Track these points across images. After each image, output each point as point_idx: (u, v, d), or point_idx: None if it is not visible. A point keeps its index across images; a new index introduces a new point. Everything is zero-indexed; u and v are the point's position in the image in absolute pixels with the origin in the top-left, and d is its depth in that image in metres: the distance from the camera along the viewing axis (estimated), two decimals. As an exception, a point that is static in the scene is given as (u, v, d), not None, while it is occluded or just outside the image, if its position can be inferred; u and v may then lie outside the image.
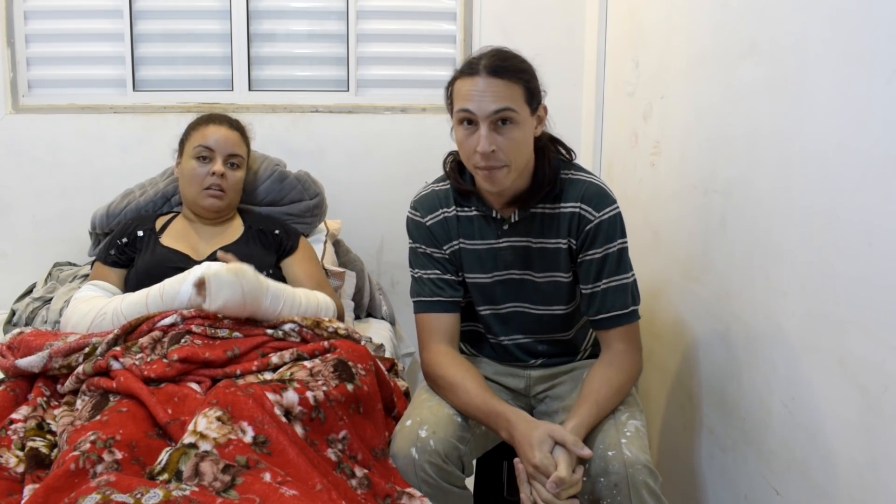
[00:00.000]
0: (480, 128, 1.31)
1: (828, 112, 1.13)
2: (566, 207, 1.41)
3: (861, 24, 1.06)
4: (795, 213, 1.22)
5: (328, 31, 2.36)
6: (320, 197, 2.08)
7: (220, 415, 1.15)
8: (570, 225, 1.41)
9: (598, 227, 1.39)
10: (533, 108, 1.36)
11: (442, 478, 1.30)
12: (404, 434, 1.33)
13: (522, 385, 1.55)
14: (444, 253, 1.48)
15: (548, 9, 2.32)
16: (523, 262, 1.46)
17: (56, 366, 1.39)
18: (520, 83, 1.32)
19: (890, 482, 1.02)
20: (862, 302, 1.06)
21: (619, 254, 1.41)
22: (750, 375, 1.39)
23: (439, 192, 1.49)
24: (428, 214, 1.48)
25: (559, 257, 1.44)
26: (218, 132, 1.78)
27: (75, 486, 1.03)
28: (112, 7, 2.28)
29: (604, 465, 1.27)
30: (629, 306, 1.41)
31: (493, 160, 1.32)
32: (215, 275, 1.44)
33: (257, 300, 1.49)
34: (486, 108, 1.30)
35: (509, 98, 1.30)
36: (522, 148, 1.35)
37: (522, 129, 1.33)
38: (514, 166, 1.34)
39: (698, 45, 1.60)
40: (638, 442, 1.31)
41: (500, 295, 1.49)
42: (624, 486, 1.25)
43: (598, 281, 1.41)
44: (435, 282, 1.47)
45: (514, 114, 1.31)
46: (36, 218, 2.30)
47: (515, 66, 1.33)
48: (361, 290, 2.19)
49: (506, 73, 1.31)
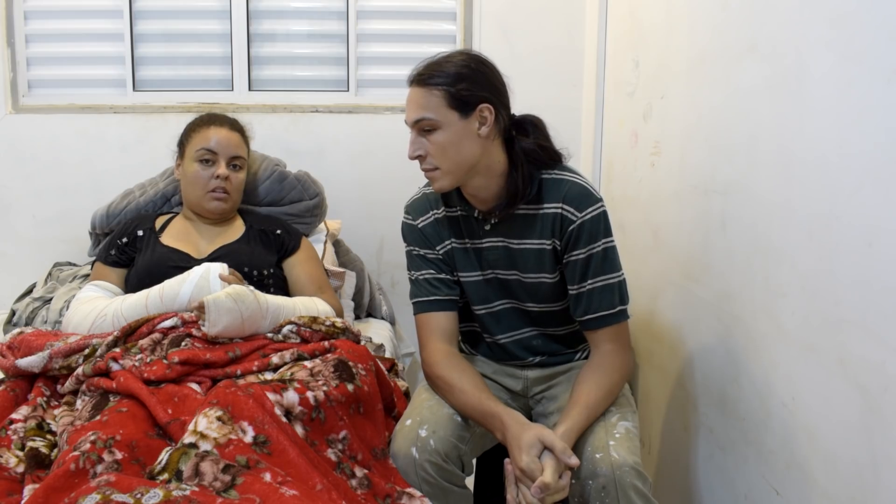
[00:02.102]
0: (411, 134, 1.41)
1: (828, 112, 1.13)
2: (548, 208, 1.42)
3: (861, 25, 1.06)
4: (795, 213, 1.22)
5: (328, 31, 2.36)
6: (320, 197, 2.08)
7: (220, 415, 1.15)
8: (552, 226, 1.42)
9: (580, 227, 1.39)
10: (463, 112, 1.36)
11: (442, 477, 1.30)
12: (404, 433, 1.34)
13: (520, 387, 1.56)
14: (438, 253, 1.50)
15: (548, 9, 2.32)
16: (508, 262, 1.47)
17: (56, 366, 1.39)
18: (440, 89, 1.35)
19: (890, 482, 1.02)
20: (862, 302, 1.06)
21: (605, 253, 1.40)
22: (750, 375, 1.39)
23: (429, 195, 1.53)
24: (419, 217, 1.52)
25: (543, 258, 1.44)
26: (219, 134, 1.77)
27: (75, 486, 1.03)
28: (112, 7, 2.28)
29: (592, 467, 1.28)
30: (616, 306, 1.41)
31: (424, 163, 1.40)
32: (215, 301, 1.44)
33: (256, 323, 1.51)
34: (408, 118, 1.40)
35: (427, 107, 1.36)
36: (450, 151, 1.37)
37: (447, 133, 1.36)
38: (445, 168, 1.38)
39: (698, 45, 1.60)
40: (627, 444, 1.31)
41: (491, 293, 1.51)
42: (612, 488, 1.25)
43: (583, 281, 1.41)
44: (430, 281, 1.49)
45: (432, 121, 1.36)
46: (36, 218, 2.30)
47: (437, 73, 1.36)
48: (361, 290, 2.19)
49: (424, 82, 1.37)
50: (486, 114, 1.37)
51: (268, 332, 1.53)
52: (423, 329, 1.48)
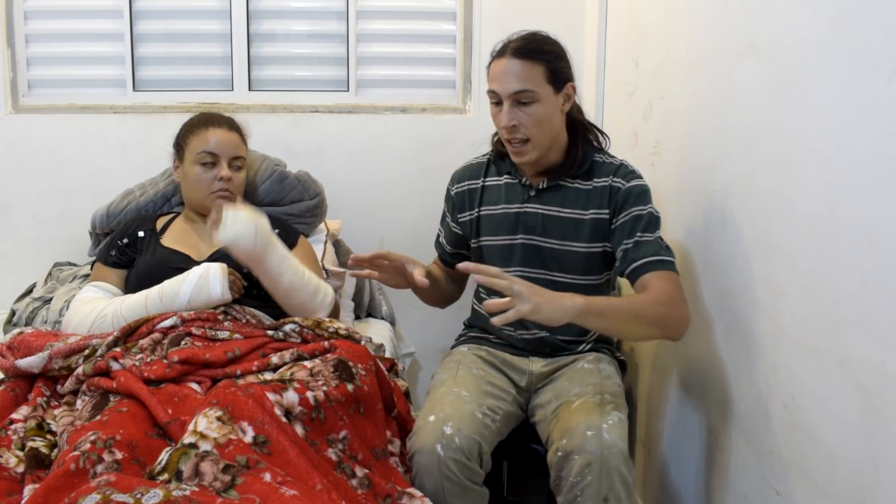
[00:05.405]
0: (503, 105, 1.46)
1: (828, 112, 1.13)
2: (598, 182, 1.53)
3: (861, 24, 1.06)
4: (795, 213, 1.22)
5: (328, 31, 2.36)
6: (320, 197, 2.08)
7: (220, 415, 1.15)
8: (601, 196, 1.52)
9: (628, 192, 1.50)
10: (557, 88, 1.47)
11: (465, 475, 1.32)
12: (428, 430, 1.34)
13: (524, 382, 1.58)
14: (455, 222, 1.68)
15: (548, 9, 2.32)
16: (543, 229, 1.56)
17: (56, 367, 1.39)
18: (542, 63, 1.44)
19: (890, 482, 1.02)
20: (862, 302, 1.06)
21: (650, 216, 1.48)
22: (750, 375, 1.39)
23: (475, 164, 1.67)
24: (456, 184, 1.68)
25: (581, 228, 1.53)
26: (219, 136, 1.76)
27: (75, 486, 1.03)
28: (112, 7, 2.28)
29: (581, 442, 1.29)
30: (664, 255, 1.44)
31: (515, 133, 1.47)
32: (233, 208, 1.49)
33: (266, 251, 1.54)
34: (507, 88, 1.44)
35: (529, 79, 1.44)
36: (544, 124, 1.47)
37: (544, 107, 1.46)
38: (537, 141, 1.48)
39: (698, 45, 1.60)
40: (619, 430, 1.32)
41: (517, 258, 1.57)
42: (597, 466, 1.26)
43: (629, 238, 1.47)
44: (438, 237, 1.76)
45: (533, 94, 1.44)
46: (36, 218, 2.29)
47: (538, 47, 1.45)
48: (361, 290, 2.19)
49: (528, 55, 1.44)
50: (570, 91, 1.51)
51: (273, 275, 1.57)
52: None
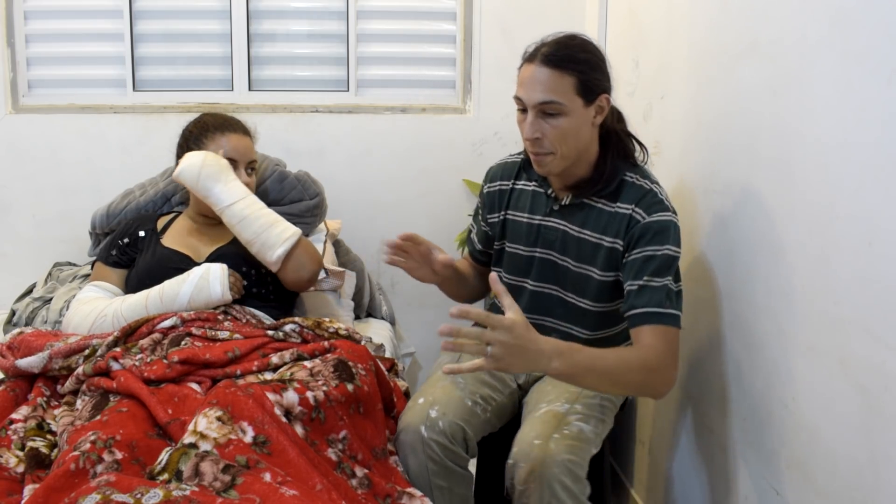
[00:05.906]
0: (528, 114, 1.35)
1: (828, 111, 1.13)
2: (620, 208, 1.41)
3: (861, 24, 1.06)
4: (795, 212, 1.22)
5: (328, 31, 2.36)
6: (320, 197, 2.08)
7: (220, 415, 1.15)
8: (619, 226, 1.40)
9: (645, 228, 1.37)
10: (588, 100, 1.35)
11: (447, 457, 1.35)
12: (416, 411, 1.38)
13: (521, 379, 1.59)
14: (485, 221, 1.61)
15: (548, 9, 2.32)
16: (562, 246, 1.48)
17: (56, 367, 1.39)
18: (573, 74, 1.32)
19: (890, 482, 1.01)
20: (862, 302, 1.06)
21: (664, 259, 1.34)
22: (750, 375, 1.39)
23: (509, 164, 1.59)
24: (488, 183, 1.60)
25: (598, 253, 1.43)
26: (235, 141, 1.75)
27: (75, 486, 1.03)
28: (112, 7, 2.28)
29: (527, 450, 1.29)
30: (666, 307, 1.32)
31: (538, 146, 1.36)
32: (191, 153, 1.68)
33: (211, 185, 1.65)
34: (532, 98, 1.33)
35: (556, 90, 1.32)
36: (570, 138, 1.35)
37: (571, 120, 1.34)
38: (561, 154, 1.36)
39: (698, 45, 1.60)
40: (570, 442, 1.30)
41: (535, 272, 1.52)
42: (537, 475, 1.27)
43: (636, 279, 1.34)
44: (470, 233, 1.69)
45: (560, 106, 1.32)
46: (36, 218, 2.30)
47: (571, 55, 1.33)
48: (361, 290, 2.19)
49: (558, 64, 1.31)
50: (603, 104, 1.38)
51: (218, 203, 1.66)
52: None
